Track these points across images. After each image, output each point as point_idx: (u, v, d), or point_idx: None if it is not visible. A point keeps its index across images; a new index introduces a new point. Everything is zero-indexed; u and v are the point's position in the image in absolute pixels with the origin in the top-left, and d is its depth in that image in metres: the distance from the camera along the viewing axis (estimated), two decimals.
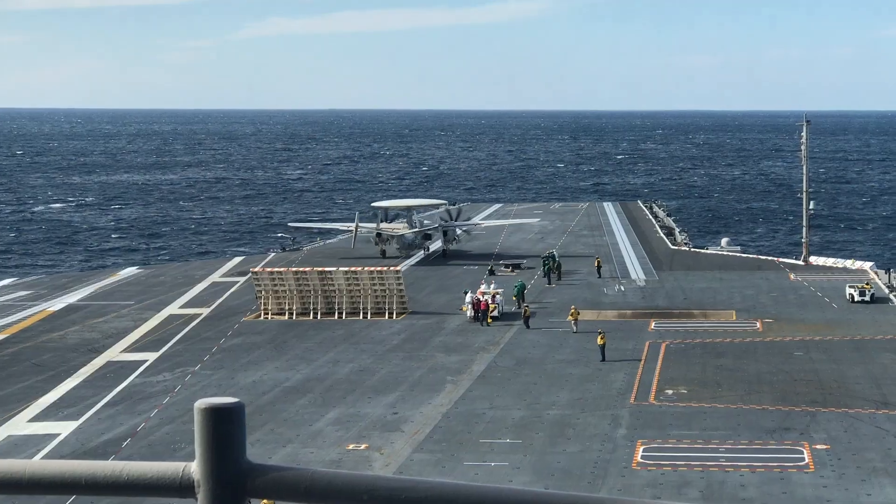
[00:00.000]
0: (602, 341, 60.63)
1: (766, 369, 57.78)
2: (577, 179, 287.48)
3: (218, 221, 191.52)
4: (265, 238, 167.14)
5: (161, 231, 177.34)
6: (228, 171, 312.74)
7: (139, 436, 47.65)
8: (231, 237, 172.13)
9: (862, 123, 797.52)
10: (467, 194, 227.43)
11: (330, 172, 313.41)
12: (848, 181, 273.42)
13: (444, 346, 65.63)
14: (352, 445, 45.64)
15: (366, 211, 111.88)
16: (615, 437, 45.96)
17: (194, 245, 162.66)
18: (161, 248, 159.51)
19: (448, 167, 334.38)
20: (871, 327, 68.62)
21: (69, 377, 59.20)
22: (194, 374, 59.12)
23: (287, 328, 71.97)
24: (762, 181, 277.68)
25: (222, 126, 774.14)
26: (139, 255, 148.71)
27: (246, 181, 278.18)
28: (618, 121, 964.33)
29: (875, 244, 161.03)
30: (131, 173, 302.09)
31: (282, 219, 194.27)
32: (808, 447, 43.81)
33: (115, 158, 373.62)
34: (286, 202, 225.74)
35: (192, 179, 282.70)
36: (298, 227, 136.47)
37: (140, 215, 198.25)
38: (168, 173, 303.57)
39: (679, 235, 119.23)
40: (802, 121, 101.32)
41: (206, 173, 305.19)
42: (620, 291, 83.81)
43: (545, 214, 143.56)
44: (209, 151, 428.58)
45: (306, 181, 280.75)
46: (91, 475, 3.94)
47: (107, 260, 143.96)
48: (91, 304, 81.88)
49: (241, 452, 3.92)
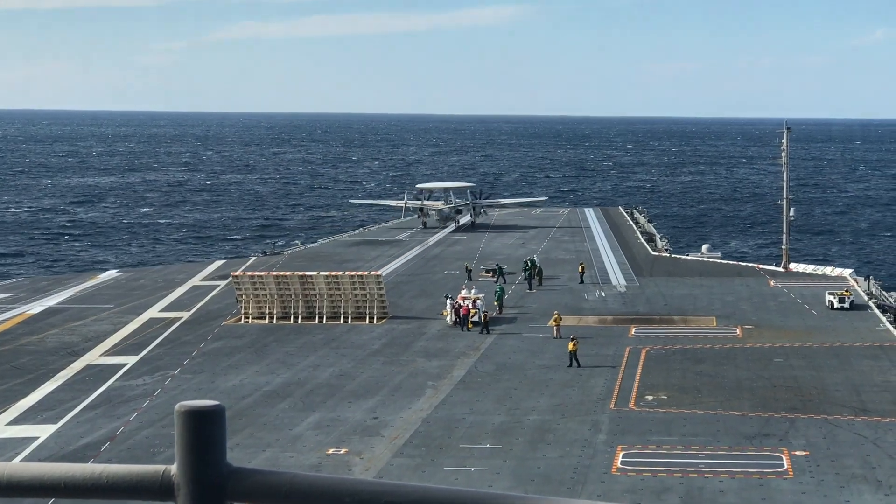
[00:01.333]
0: (573, 347, 60.51)
1: (746, 376, 57.90)
2: (548, 184, 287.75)
3: (199, 225, 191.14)
4: (246, 242, 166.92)
5: (141, 234, 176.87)
6: (206, 175, 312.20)
7: (118, 439, 47.48)
8: (212, 241, 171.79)
9: (839, 131, 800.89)
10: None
11: (299, 176, 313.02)
12: (824, 188, 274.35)
13: (424, 351, 65.59)
14: (332, 450, 45.56)
15: (413, 191, 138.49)
16: (595, 442, 45.98)
17: (175, 249, 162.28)
18: (141, 251, 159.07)
19: (424, 171, 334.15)
20: (850, 334, 68.82)
21: (48, 380, 58.96)
22: (174, 378, 58.96)
23: (267, 332, 71.83)
24: (740, 188, 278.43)
25: (200, 129, 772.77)
26: (119, 259, 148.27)
27: (225, 185, 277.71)
28: (594, 126, 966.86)
29: (853, 252, 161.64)
30: (107, 176, 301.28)
31: (267, 223, 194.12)
32: (788, 453, 43.90)
33: (88, 161, 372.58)
34: (264, 207, 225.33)
35: (171, 183, 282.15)
36: (360, 203, 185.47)
37: (119, 218, 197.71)
38: (145, 176, 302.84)
39: (660, 241, 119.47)
40: (783, 128, 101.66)
41: (184, 176, 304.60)
42: (601, 297, 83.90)
43: (526, 219, 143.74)
44: (187, 154, 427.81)
45: (276, 185, 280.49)
46: (70, 478, 3.92)
47: (87, 263, 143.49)
48: (71, 307, 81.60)
49: (222, 456, 3.90)
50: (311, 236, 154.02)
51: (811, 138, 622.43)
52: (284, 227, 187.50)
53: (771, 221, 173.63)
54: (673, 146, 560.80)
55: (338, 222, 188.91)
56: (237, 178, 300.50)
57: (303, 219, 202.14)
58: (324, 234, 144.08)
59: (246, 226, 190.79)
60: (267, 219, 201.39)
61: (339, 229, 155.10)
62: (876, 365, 60.23)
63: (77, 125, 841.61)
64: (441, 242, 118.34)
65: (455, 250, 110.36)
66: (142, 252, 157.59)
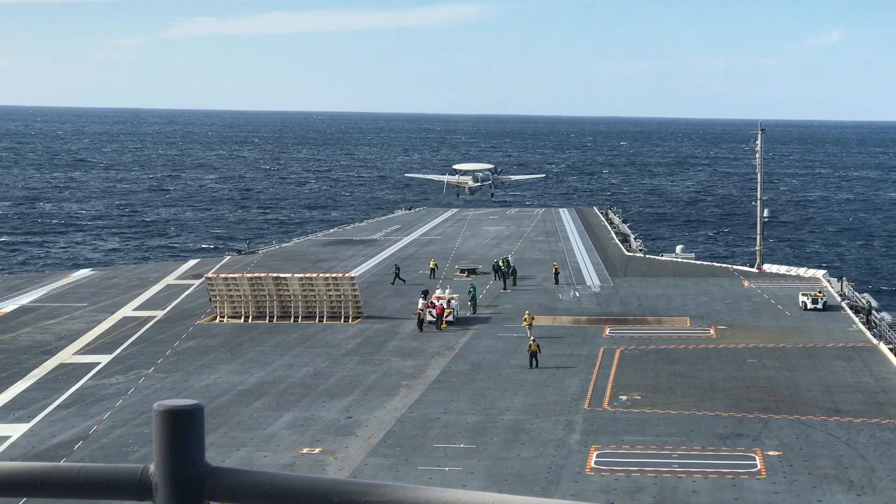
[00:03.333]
0: (533, 348, 60.47)
1: (720, 376, 58.08)
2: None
3: (173, 223, 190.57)
4: (221, 241, 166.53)
5: (115, 232, 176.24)
6: (180, 173, 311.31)
7: (91, 438, 47.30)
8: (186, 240, 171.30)
9: (786, 133, 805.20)
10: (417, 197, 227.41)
11: (256, 179, 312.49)
12: (793, 190, 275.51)
13: (398, 350, 65.58)
14: (306, 449, 45.50)
15: (450, 170, 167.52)
16: (569, 442, 46.05)
17: (149, 247, 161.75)
18: (115, 249, 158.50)
19: (380, 173, 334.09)
20: (823, 335, 69.12)
21: (21, 379, 58.69)
22: (148, 377, 58.76)
23: (242, 331, 71.68)
24: (706, 188, 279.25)
25: (160, 126, 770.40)
26: (93, 257, 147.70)
27: (199, 183, 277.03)
28: (545, 126, 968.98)
29: (827, 253, 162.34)
30: (79, 171, 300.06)
31: (237, 221, 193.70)
32: (761, 454, 44.05)
33: (55, 156, 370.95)
34: (237, 204, 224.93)
35: (147, 180, 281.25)
36: (413, 177, 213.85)
37: (94, 216, 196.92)
38: (120, 173, 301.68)
39: (634, 242, 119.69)
40: (757, 129, 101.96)
41: (156, 174, 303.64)
42: (575, 297, 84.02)
43: (500, 220, 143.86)
44: (153, 151, 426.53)
45: (251, 183, 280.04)
46: (47, 477, 3.91)
47: (60, 261, 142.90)
48: (44, 305, 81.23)
49: (200, 455, 3.90)
50: (286, 235, 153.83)
51: (775, 139, 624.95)
52: (257, 226, 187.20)
53: (740, 222, 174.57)
54: (636, 147, 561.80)
55: (312, 222, 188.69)
56: (201, 176, 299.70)
57: (270, 218, 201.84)
58: (298, 234, 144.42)
59: (220, 224, 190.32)
60: (240, 218, 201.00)
61: (316, 228, 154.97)
62: (848, 366, 60.52)
63: (31, 121, 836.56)
64: (415, 242, 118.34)
65: (429, 250, 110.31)
66: (115, 250, 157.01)
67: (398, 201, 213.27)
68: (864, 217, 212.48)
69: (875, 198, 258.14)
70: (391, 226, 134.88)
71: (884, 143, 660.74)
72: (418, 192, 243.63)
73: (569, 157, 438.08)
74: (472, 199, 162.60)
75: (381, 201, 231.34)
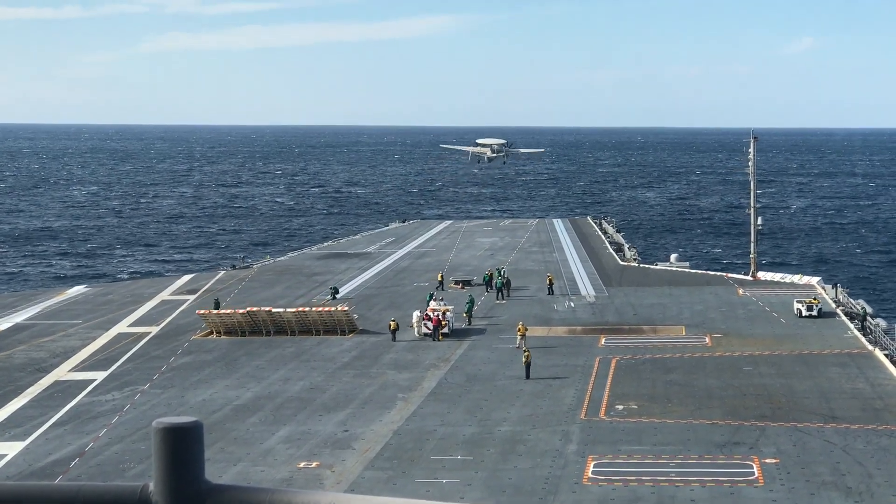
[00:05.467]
0: (526, 360, 60.47)
1: (716, 384, 58.08)
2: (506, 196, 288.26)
3: (167, 239, 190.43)
4: (215, 255, 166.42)
5: (106, 249, 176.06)
6: (174, 189, 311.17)
7: (87, 456, 47.20)
8: (181, 255, 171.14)
9: (775, 141, 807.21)
10: (411, 209, 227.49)
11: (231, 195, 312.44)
12: (780, 196, 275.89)
13: (394, 363, 65.52)
14: (303, 463, 45.43)
15: (473, 143, 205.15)
16: (566, 452, 46.01)
17: (143, 263, 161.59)
18: (109, 265, 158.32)
19: (367, 189, 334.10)
20: (818, 342, 69.16)
21: (16, 397, 58.60)
22: (143, 393, 58.67)
23: (237, 346, 71.55)
24: (694, 197, 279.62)
25: (141, 143, 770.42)
26: (87, 274, 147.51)
27: (190, 198, 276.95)
28: (524, 137, 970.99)
29: (821, 260, 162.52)
30: (68, 188, 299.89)
31: (232, 236, 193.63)
32: (758, 461, 44.04)
33: (41, 174, 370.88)
34: (230, 219, 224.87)
35: (136, 196, 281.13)
36: (446, 147, 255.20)
37: (87, 233, 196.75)
38: (108, 189, 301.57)
39: (628, 251, 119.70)
40: (749, 137, 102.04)
41: (148, 190, 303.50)
42: (570, 307, 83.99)
43: (494, 231, 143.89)
44: (143, 167, 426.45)
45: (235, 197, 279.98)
46: (46, 497, 3.90)
47: (54, 278, 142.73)
48: (38, 322, 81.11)
49: (200, 472, 3.89)
50: (280, 249, 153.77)
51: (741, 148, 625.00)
52: (251, 240, 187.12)
53: (731, 231, 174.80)
54: (616, 157, 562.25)
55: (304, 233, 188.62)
56: (190, 192, 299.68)
57: (259, 231, 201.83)
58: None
59: (213, 239, 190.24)
60: (236, 231, 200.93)
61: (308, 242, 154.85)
62: (844, 372, 60.54)
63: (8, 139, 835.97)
64: (409, 255, 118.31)
65: (424, 262, 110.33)
66: (110, 267, 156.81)
67: (394, 212, 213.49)
68: (857, 223, 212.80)
69: (866, 204, 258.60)
70: (385, 239, 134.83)
71: (867, 150, 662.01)
72: (409, 204, 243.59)
73: (551, 168, 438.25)
74: (489, 167, 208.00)
75: (376, 214, 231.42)
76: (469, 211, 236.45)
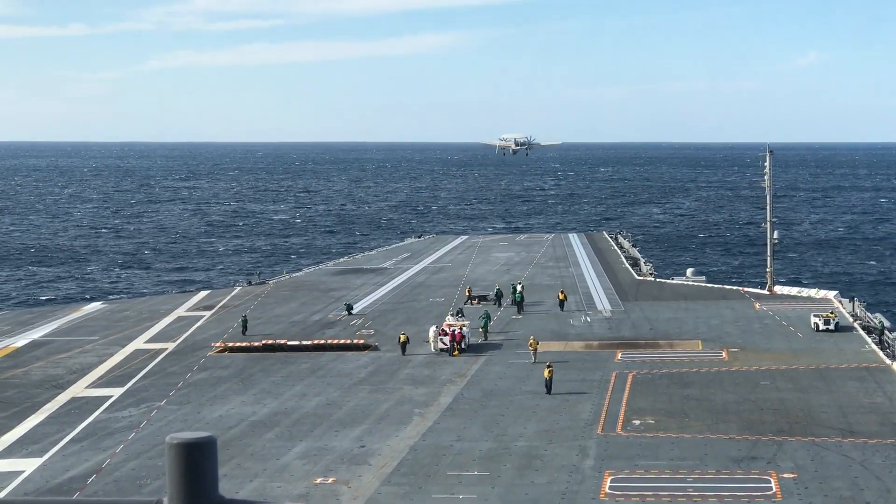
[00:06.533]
0: (549, 374, 60.42)
1: (733, 399, 57.91)
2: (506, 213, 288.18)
3: (182, 255, 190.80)
4: (231, 271, 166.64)
5: (125, 265, 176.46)
6: (189, 205, 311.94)
7: (104, 472, 47.25)
8: (197, 270, 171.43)
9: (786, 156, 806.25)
10: (430, 226, 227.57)
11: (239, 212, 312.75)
12: (794, 210, 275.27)
13: (410, 378, 65.50)
14: (319, 479, 45.41)
15: (499, 138, 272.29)
16: (583, 468, 45.90)
17: (159, 279, 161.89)
18: (125, 282, 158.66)
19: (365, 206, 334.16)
20: (836, 356, 68.93)
21: (33, 413, 58.72)
22: (160, 410, 58.73)
23: (253, 362, 71.62)
24: (715, 211, 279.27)
25: (152, 159, 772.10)
26: (104, 290, 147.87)
27: (204, 214, 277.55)
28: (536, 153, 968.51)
29: (838, 274, 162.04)
30: (82, 205, 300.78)
31: (248, 252, 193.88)
32: (776, 476, 43.89)
33: (55, 191, 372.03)
34: (246, 235, 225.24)
35: (151, 212, 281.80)
36: (478, 142, 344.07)
37: (105, 250, 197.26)
38: (123, 206, 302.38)
39: (644, 266, 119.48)
40: (765, 151, 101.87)
41: (167, 207, 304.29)
42: (586, 322, 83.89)
43: (511, 246, 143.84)
44: (158, 185, 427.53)
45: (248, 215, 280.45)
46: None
47: (71, 295, 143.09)
48: (55, 339, 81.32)
49: (214, 487, 3.89)
50: (296, 264, 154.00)
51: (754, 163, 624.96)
52: (266, 255, 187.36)
53: (746, 245, 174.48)
54: (623, 173, 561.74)
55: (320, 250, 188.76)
56: (204, 208, 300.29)
57: (276, 247, 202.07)
58: (306, 263, 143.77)
59: (226, 255, 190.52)
60: (250, 248, 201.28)
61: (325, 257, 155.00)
62: (862, 386, 60.33)
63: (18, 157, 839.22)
64: (425, 270, 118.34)
65: (440, 278, 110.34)
66: (126, 283, 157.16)
67: (407, 230, 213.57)
68: (871, 238, 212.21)
69: (879, 219, 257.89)
70: (401, 254, 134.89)
71: (873, 164, 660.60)
72: (424, 220, 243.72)
73: (555, 185, 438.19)
74: (514, 158, 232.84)
75: (387, 229, 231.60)
76: (484, 227, 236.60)
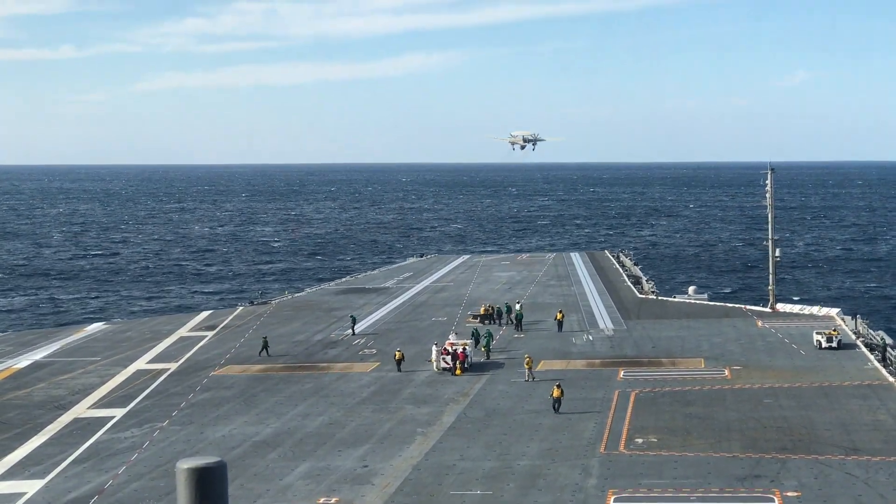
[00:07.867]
0: (557, 394, 60.31)
1: (736, 417, 57.83)
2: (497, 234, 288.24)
3: (184, 275, 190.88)
4: (233, 291, 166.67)
5: (127, 286, 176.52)
6: (183, 225, 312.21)
7: (107, 493, 47.16)
8: (199, 291, 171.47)
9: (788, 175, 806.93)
10: (427, 248, 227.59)
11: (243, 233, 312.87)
12: (790, 230, 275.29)
13: (413, 397, 65.44)
14: (322, 499, 45.33)
15: (509, 134, 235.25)
16: (586, 486, 45.82)
17: (161, 299, 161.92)
18: (127, 302, 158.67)
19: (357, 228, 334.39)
20: (839, 373, 68.86)
21: (35, 434, 58.66)
22: (162, 430, 58.65)
23: (256, 382, 71.59)
24: (715, 230, 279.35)
25: (138, 185, 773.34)
26: (106, 311, 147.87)
27: (206, 235, 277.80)
28: (521, 174, 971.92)
29: (840, 291, 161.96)
30: (83, 229, 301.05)
31: (248, 273, 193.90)
32: (779, 494, 43.81)
33: (57, 213, 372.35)
34: (247, 255, 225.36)
35: (153, 234, 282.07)
36: (489, 137, 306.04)
37: (105, 270, 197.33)
38: (125, 226, 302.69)
39: (646, 284, 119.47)
40: (767, 169, 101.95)
41: (159, 228, 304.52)
42: (589, 341, 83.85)
43: (512, 265, 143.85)
44: (150, 205, 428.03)
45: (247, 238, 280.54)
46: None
47: (73, 316, 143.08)
48: (57, 360, 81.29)
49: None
50: (298, 284, 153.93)
51: (751, 181, 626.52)
52: (267, 275, 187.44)
53: (747, 264, 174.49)
54: (625, 192, 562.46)
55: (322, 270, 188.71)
56: (205, 229, 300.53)
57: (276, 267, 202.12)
58: (308, 283, 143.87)
59: (231, 274, 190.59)
60: (251, 268, 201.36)
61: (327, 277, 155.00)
62: (865, 404, 60.24)
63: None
64: (427, 289, 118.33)
65: (442, 297, 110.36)
66: (129, 304, 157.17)
67: (404, 250, 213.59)
68: (870, 257, 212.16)
69: (877, 238, 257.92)
70: (403, 273, 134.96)
71: (866, 182, 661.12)
72: (419, 242, 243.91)
73: (550, 204, 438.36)
74: (522, 153, 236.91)
75: (386, 248, 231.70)
76: (485, 246, 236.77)
